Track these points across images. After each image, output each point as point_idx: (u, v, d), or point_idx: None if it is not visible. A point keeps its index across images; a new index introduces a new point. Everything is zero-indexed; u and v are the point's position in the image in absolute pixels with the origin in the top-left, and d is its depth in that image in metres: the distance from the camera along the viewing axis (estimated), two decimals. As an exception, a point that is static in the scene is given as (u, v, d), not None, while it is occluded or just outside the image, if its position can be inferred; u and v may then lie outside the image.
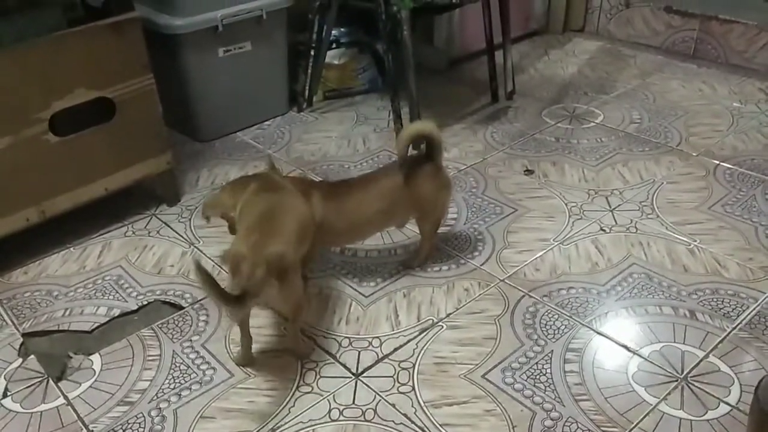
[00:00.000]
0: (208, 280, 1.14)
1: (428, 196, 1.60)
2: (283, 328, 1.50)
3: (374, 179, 1.63)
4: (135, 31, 1.71)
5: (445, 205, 1.65)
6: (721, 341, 1.45)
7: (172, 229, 1.88)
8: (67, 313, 1.58)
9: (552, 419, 1.28)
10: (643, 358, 1.42)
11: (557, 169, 2.12)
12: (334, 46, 2.56)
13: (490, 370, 1.39)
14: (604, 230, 1.82)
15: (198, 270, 1.14)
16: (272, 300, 1.31)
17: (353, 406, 1.32)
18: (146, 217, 1.93)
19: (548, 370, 1.38)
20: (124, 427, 1.28)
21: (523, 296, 1.59)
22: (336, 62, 2.59)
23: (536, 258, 1.72)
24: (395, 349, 1.45)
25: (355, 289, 1.63)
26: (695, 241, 1.77)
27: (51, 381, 1.40)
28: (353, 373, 1.39)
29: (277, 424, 1.28)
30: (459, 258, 1.72)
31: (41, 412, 1.33)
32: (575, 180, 2.06)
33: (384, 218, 1.63)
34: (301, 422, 1.28)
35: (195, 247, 1.79)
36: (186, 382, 1.38)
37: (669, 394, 1.33)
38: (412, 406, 1.31)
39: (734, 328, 1.48)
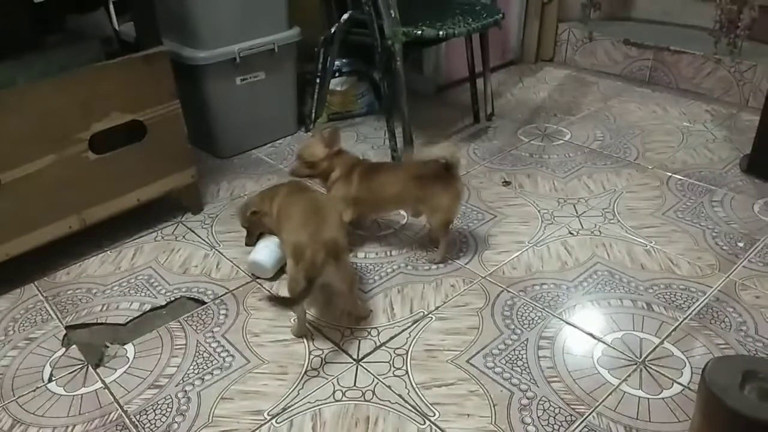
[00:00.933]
0: (277, 299, 1.39)
1: (433, 197, 1.61)
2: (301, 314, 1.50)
3: (399, 168, 1.78)
4: (163, 63, 1.71)
5: (450, 209, 1.64)
6: (674, 329, 1.45)
7: (196, 234, 1.88)
8: (105, 308, 1.58)
9: (528, 398, 1.28)
10: (606, 344, 1.42)
11: (531, 181, 2.13)
12: (337, 74, 2.57)
13: (473, 356, 1.39)
14: (572, 233, 1.83)
15: (276, 300, 1.38)
16: (331, 278, 1.36)
17: (354, 388, 1.32)
18: (173, 224, 1.94)
19: (524, 356, 1.39)
20: (154, 408, 1.28)
21: (502, 291, 1.59)
22: (339, 89, 2.60)
23: (513, 258, 1.72)
24: (391, 338, 1.45)
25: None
26: (651, 242, 1.77)
27: (90, 368, 1.40)
28: (354, 359, 1.40)
29: (288, 404, 1.28)
30: (446, 258, 1.73)
31: (82, 394, 1.33)
32: (547, 190, 2.07)
33: (397, 201, 1.71)
34: (308, 402, 1.29)
35: (216, 250, 1.80)
36: (208, 367, 1.38)
37: (629, 375, 1.33)
38: (406, 388, 1.31)
39: (685, 318, 1.49)
